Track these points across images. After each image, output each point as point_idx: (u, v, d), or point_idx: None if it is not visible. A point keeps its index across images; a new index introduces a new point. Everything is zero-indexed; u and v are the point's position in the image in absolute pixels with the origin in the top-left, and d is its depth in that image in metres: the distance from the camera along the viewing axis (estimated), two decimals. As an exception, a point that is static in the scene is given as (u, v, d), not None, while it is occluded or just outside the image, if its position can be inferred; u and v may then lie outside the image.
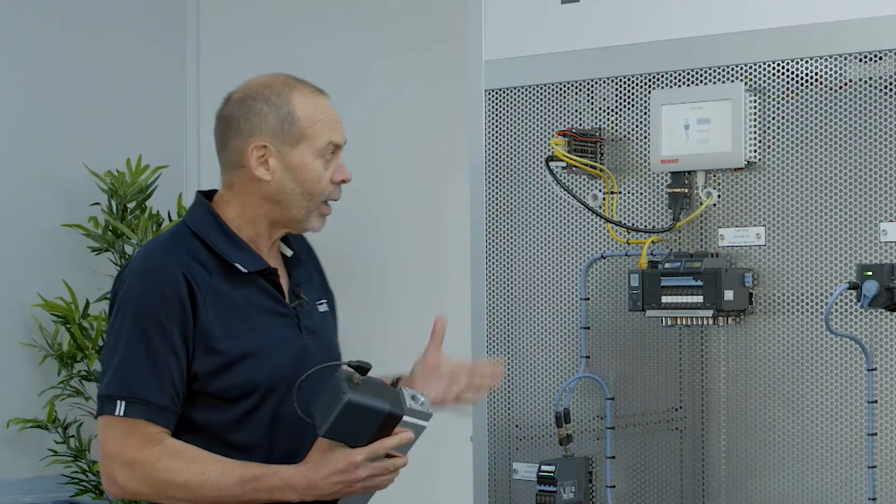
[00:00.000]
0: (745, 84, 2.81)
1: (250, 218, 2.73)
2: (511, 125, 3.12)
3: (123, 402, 2.58)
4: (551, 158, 2.96)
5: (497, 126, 3.14)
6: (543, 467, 2.94)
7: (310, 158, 2.70)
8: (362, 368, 2.56)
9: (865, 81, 2.70)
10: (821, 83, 2.74)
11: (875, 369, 2.68)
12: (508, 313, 3.14)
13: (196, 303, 2.60)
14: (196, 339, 2.60)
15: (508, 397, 3.13)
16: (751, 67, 2.81)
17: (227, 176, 2.75)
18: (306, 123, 2.70)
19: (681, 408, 2.92)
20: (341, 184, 2.76)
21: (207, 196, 2.78)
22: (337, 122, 2.75)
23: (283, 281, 2.78)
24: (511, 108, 3.12)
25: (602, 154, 3.00)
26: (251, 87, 2.74)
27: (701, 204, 2.87)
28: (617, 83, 2.98)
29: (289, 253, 2.82)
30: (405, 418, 2.58)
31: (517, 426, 3.12)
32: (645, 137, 2.94)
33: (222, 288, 2.65)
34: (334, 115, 2.75)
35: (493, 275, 3.16)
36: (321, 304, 2.85)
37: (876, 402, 2.68)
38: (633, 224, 2.96)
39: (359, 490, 2.61)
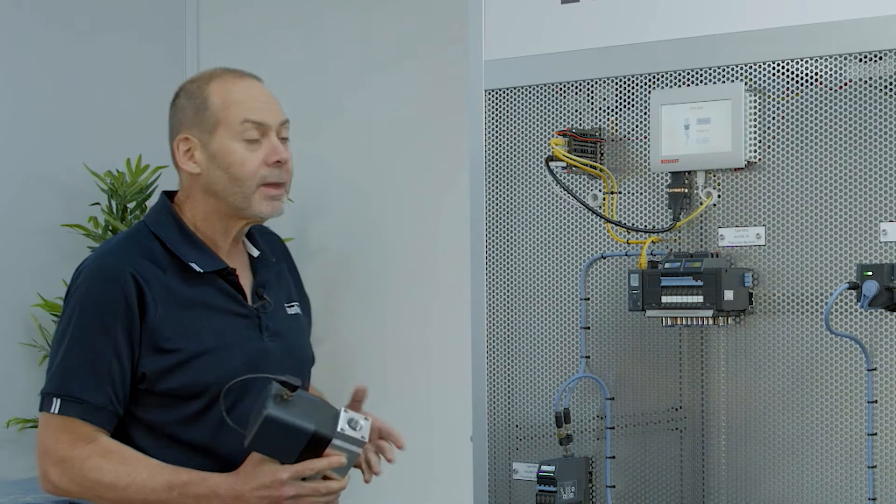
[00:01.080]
0: (745, 84, 2.81)
1: (202, 215, 2.70)
2: (511, 125, 3.12)
3: (59, 400, 2.57)
4: (551, 158, 2.96)
5: (497, 126, 3.14)
6: (543, 467, 2.94)
7: (228, 142, 2.66)
8: (288, 385, 2.50)
9: (865, 81, 2.70)
10: (821, 83, 2.74)
11: (875, 369, 2.68)
12: (508, 313, 3.14)
13: (145, 302, 2.58)
14: (143, 339, 2.58)
15: (508, 397, 3.13)
16: (751, 67, 2.81)
17: (179, 177, 2.74)
18: (219, 107, 2.67)
19: (681, 408, 2.92)
20: (276, 165, 2.68)
21: (171, 196, 2.76)
22: (259, 102, 2.70)
23: (247, 281, 2.75)
24: (511, 108, 3.12)
25: (602, 154, 3.00)
26: (180, 86, 2.74)
27: (701, 204, 2.87)
28: (617, 83, 2.98)
29: (255, 253, 2.79)
30: (335, 442, 2.52)
31: (517, 426, 3.12)
32: (645, 137, 2.94)
33: (177, 287, 2.62)
34: (256, 96, 2.70)
35: (493, 275, 3.16)
36: (291, 306, 2.82)
37: (876, 402, 2.68)
38: (633, 224, 2.96)
39: None
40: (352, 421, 2.54)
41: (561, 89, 3.05)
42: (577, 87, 3.03)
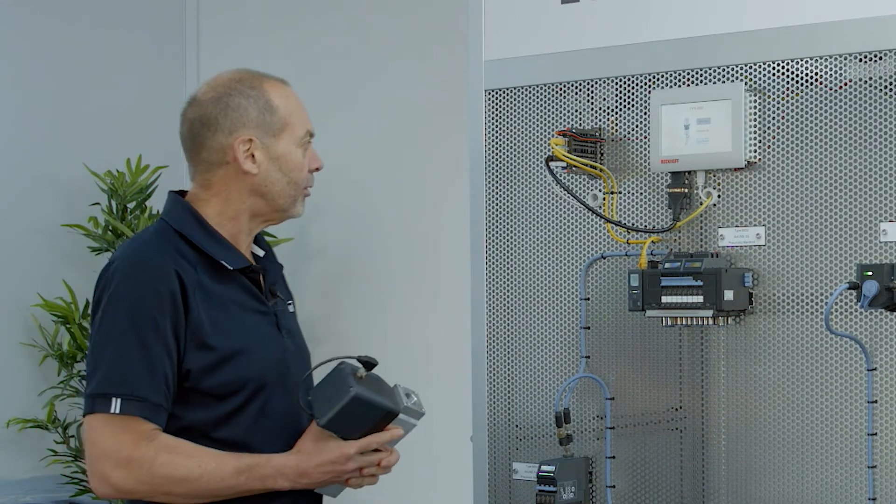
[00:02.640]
0: (745, 84, 2.81)
1: (233, 214, 2.74)
2: (511, 125, 3.12)
3: (119, 400, 2.55)
4: (551, 158, 2.96)
5: (497, 126, 3.14)
6: (543, 467, 2.94)
7: (292, 148, 2.75)
8: (370, 364, 2.61)
9: (865, 81, 2.70)
10: (821, 83, 2.74)
11: (875, 369, 2.68)
12: (508, 313, 3.14)
13: (188, 298, 2.60)
14: (188, 335, 2.60)
15: (508, 397, 3.13)
16: (751, 67, 2.81)
17: (206, 175, 2.74)
18: (286, 113, 2.75)
19: (681, 408, 2.92)
20: (315, 171, 2.82)
21: (182, 195, 2.78)
22: (305, 112, 2.81)
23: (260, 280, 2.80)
24: (511, 108, 3.12)
25: (602, 154, 3.00)
26: (220, 84, 2.74)
27: (701, 204, 2.87)
28: (617, 83, 2.98)
29: (261, 253, 2.84)
30: (400, 416, 2.63)
31: (517, 426, 3.12)
32: (645, 137, 2.94)
33: (208, 285, 2.66)
34: (302, 105, 2.82)
35: (493, 275, 3.16)
36: (290, 304, 2.87)
37: (876, 402, 2.68)
38: (633, 224, 2.96)
39: (344, 481, 2.66)
40: (409, 395, 2.66)
41: (561, 89, 3.05)
42: (577, 87, 3.03)
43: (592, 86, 3.01)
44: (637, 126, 2.96)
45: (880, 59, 2.68)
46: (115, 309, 2.60)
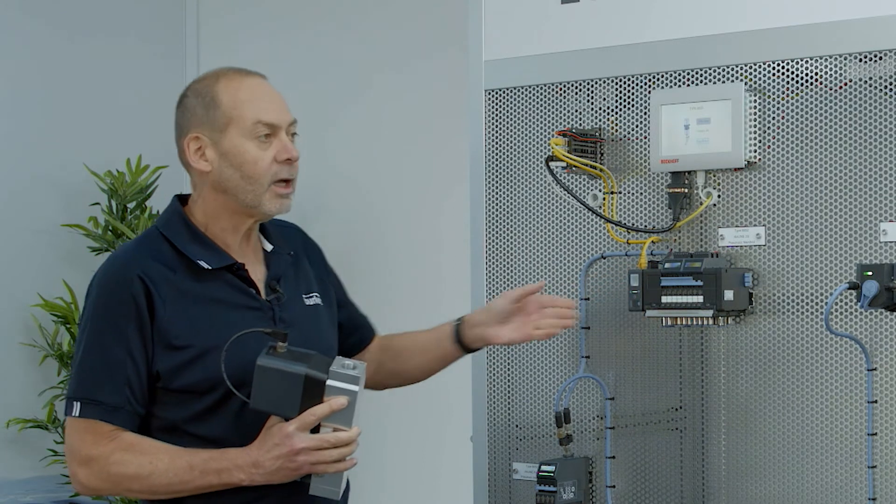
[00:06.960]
0: (745, 84, 2.81)
1: (212, 213, 2.75)
2: (511, 125, 3.12)
3: (79, 403, 2.66)
4: (551, 158, 2.96)
5: (497, 126, 3.14)
6: (543, 467, 2.94)
7: (240, 141, 2.71)
8: (277, 334, 2.57)
9: (865, 81, 2.70)
10: (821, 83, 2.74)
11: (875, 369, 2.68)
12: (508, 313, 3.13)
13: (153, 302, 2.65)
14: (155, 338, 2.65)
15: (508, 397, 3.13)
16: (751, 67, 2.82)
17: (190, 176, 2.79)
18: (230, 106, 2.71)
19: (681, 408, 2.92)
20: (287, 163, 2.72)
21: (184, 199, 2.81)
22: (269, 101, 2.74)
23: (260, 275, 2.79)
24: (511, 108, 3.12)
25: (602, 154, 3.00)
26: (188, 86, 2.78)
27: (701, 204, 2.87)
28: (617, 83, 2.98)
29: (269, 248, 2.83)
30: (330, 383, 2.56)
31: (517, 426, 3.12)
32: (645, 137, 2.94)
33: (186, 286, 2.68)
34: (266, 95, 2.75)
35: (493, 275, 3.16)
36: (310, 297, 2.85)
37: (876, 402, 2.69)
38: (633, 224, 2.96)
39: (302, 465, 2.57)
40: (345, 364, 2.58)
41: (561, 89, 3.06)
42: (577, 87, 3.03)
43: (592, 86, 3.01)
44: (637, 126, 2.96)
45: (880, 59, 2.68)
46: (85, 318, 2.71)
